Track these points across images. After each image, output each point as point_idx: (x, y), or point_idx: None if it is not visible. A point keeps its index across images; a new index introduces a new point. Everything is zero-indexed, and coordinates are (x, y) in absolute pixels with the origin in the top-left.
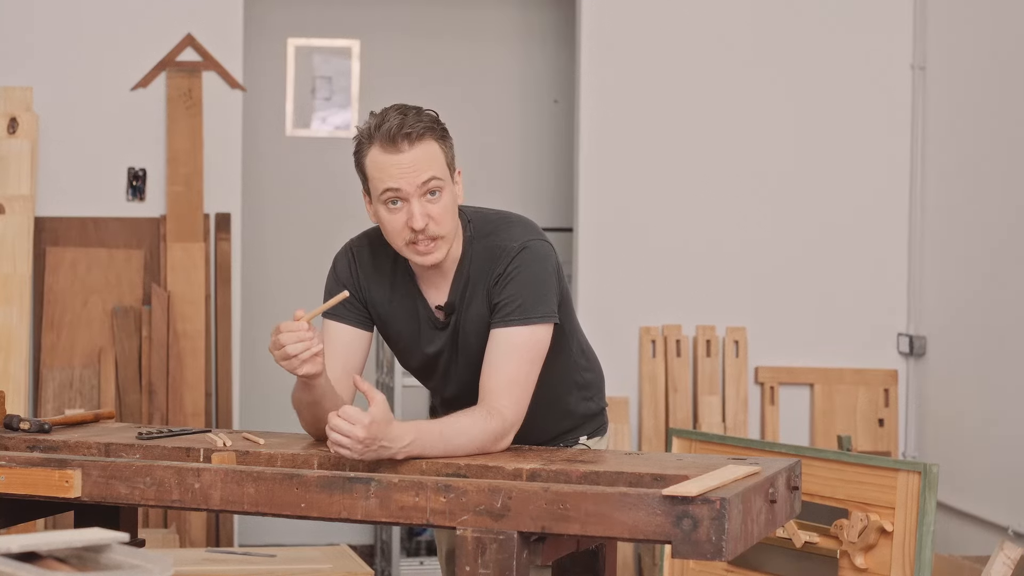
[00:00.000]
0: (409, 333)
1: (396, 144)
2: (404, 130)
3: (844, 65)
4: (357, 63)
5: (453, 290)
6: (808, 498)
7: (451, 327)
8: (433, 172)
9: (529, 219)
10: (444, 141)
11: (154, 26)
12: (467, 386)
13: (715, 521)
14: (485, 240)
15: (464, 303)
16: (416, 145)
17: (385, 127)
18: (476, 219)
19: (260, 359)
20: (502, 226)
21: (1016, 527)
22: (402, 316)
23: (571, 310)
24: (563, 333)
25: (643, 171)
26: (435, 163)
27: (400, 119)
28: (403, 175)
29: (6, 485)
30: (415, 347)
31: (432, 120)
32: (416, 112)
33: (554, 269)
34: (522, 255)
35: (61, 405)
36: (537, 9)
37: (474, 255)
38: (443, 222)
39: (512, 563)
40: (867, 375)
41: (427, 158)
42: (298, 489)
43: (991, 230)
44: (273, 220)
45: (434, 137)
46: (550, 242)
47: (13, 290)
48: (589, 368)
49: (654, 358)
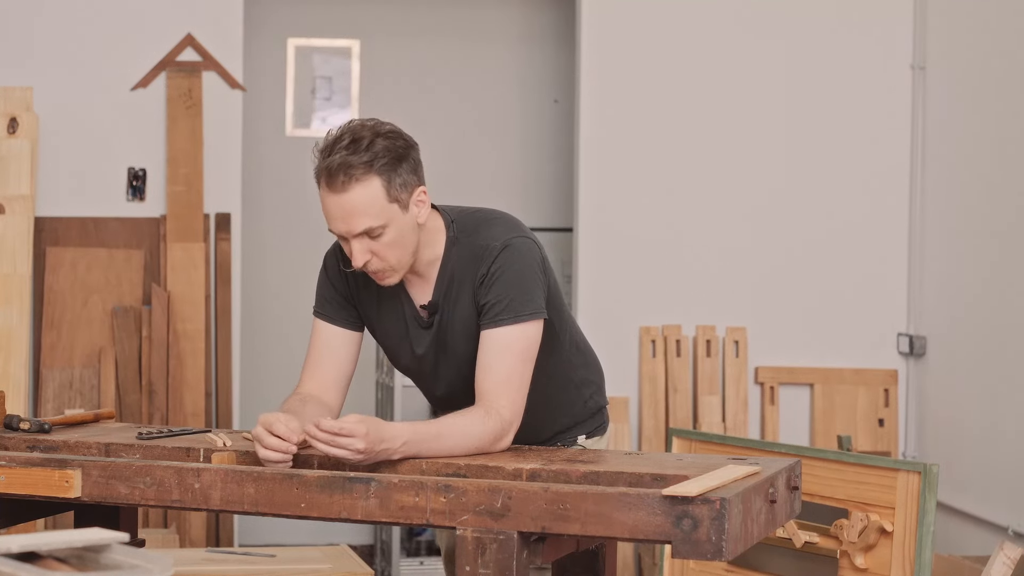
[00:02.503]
0: (395, 333)
1: (334, 184)
2: (344, 171)
3: (844, 65)
4: (357, 63)
5: (437, 289)
6: (808, 498)
7: (435, 327)
8: (368, 222)
9: (511, 216)
10: (392, 173)
11: (154, 26)
12: (454, 386)
13: (715, 521)
14: (467, 239)
15: (449, 302)
16: (353, 188)
17: (327, 163)
18: (459, 218)
19: (260, 359)
20: (483, 225)
21: (1016, 527)
22: (388, 316)
23: (561, 304)
24: (553, 328)
25: (643, 171)
26: (372, 208)
27: (341, 156)
28: (341, 219)
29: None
30: (402, 347)
31: (376, 154)
32: (366, 145)
33: (538, 264)
34: (505, 254)
35: (61, 405)
36: (537, 9)
37: (458, 255)
38: (387, 256)
39: (512, 563)
40: (867, 375)
41: (364, 203)
42: (298, 489)
43: (991, 230)
44: (273, 220)
45: (376, 172)
46: (533, 237)
47: (13, 290)
48: (585, 364)
49: (654, 358)
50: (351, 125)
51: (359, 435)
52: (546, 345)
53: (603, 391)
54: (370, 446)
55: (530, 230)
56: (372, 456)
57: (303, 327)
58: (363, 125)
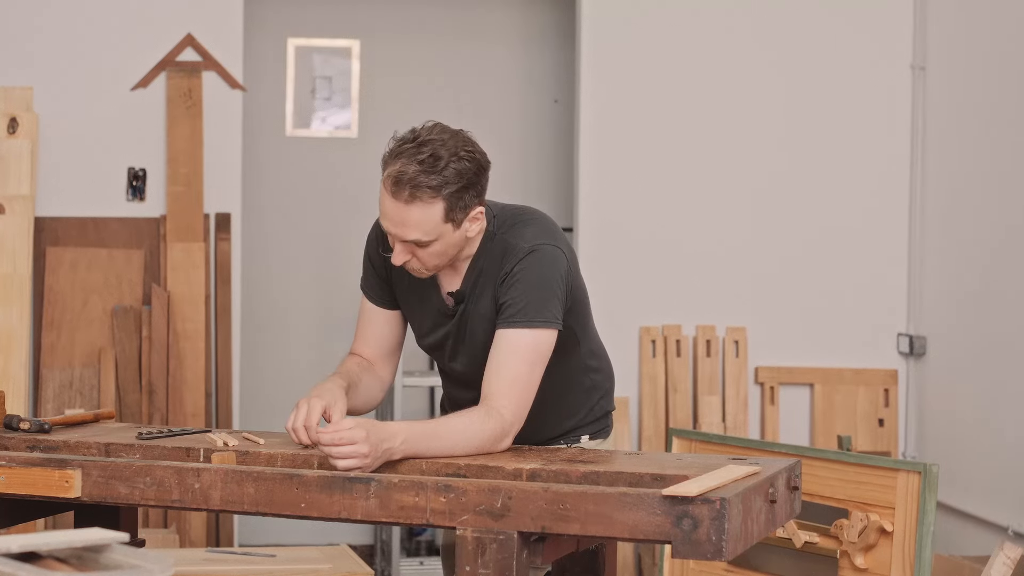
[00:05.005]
0: (421, 314)
1: (399, 193)
2: (411, 186)
3: (844, 65)
4: (357, 63)
5: (466, 281)
6: (808, 498)
7: (458, 316)
8: (419, 236)
9: (550, 220)
10: (457, 199)
11: (154, 26)
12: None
13: (715, 521)
14: (502, 236)
15: (475, 295)
16: (415, 205)
17: (397, 170)
18: (500, 214)
19: (260, 359)
20: (519, 224)
21: (1016, 527)
22: (417, 297)
23: (585, 313)
24: (574, 337)
25: (643, 171)
26: (427, 225)
27: (414, 170)
28: (392, 224)
29: (6, 485)
30: (425, 327)
31: (447, 179)
32: (441, 167)
33: (562, 274)
34: (529, 258)
35: (61, 405)
36: (537, 9)
37: (490, 250)
38: (426, 261)
39: (512, 563)
40: (867, 375)
41: (420, 220)
42: (298, 489)
43: (991, 230)
44: (273, 220)
45: (443, 198)
46: (565, 246)
47: (13, 290)
48: (599, 370)
49: (654, 358)
50: (435, 135)
51: (360, 440)
52: (563, 351)
53: (611, 397)
54: (373, 448)
55: (566, 238)
56: (378, 457)
57: (303, 327)
58: (444, 142)
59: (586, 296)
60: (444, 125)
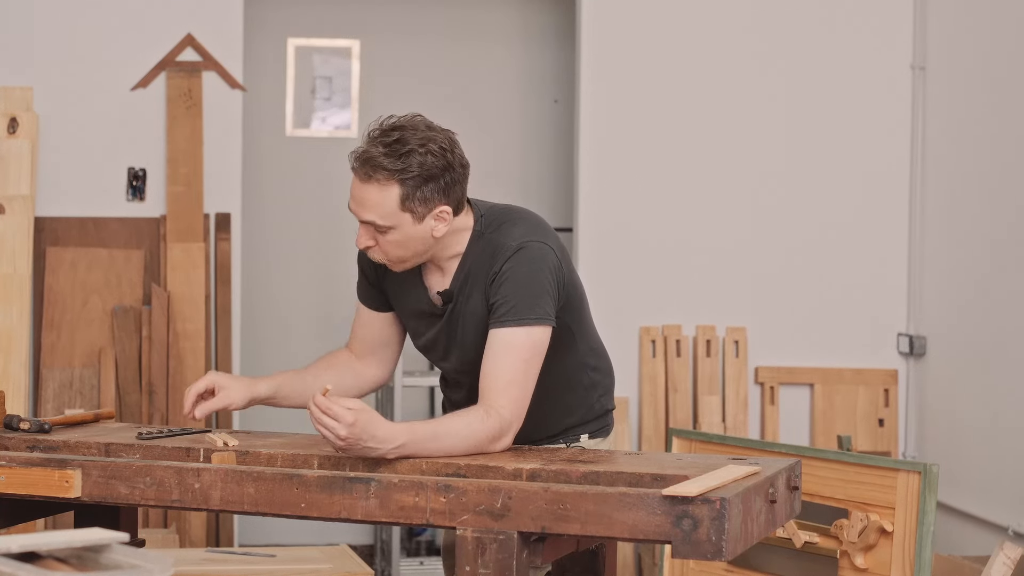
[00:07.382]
0: (412, 315)
1: (359, 171)
2: (371, 166)
3: (844, 65)
4: (357, 63)
5: (454, 281)
6: (808, 498)
7: (447, 315)
8: (373, 217)
9: (539, 218)
10: (415, 189)
11: (154, 26)
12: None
13: (715, 521)
14: (490, 236)
15: (464, 295)
16: (371, 185)
17: (365, 149)
18: (487, 213)
19: (260, 359)
20: (507, 223)
21: (1016, 527)
22: (409, 297)
23: (582, 310)
24: (571, 334)
25: (643, 171)
26: (382, 208)
27: (378, 152)
28: (353, 201)
29: (6, 485)
30: (418, 328)
31: (408, 166)
32: (405, 153)
33: (551, 270)
34: (518, 255)
35: (61, 405)
36: (537, 9)
37: (478, 250)
38: (387, 250)
39: (512, 563)
40: (867, 375)
41: (376, 202)
42: (298, 489)
43: (991, 230)
44: (273, 220)
45: (399, 183)
46: (554, 242)
47: (13, 290)
48: (597, 368)
49: (654, 358)
50: (410, 125)
51: (344, 423)
52: (561, 348)
53: (611, 395)
54: (352, 439)
55: (555, 235)
56: (353, 450)
57: (303, 327)
58: (417, 133)
59: (582, 293)
60: (429, 121)
